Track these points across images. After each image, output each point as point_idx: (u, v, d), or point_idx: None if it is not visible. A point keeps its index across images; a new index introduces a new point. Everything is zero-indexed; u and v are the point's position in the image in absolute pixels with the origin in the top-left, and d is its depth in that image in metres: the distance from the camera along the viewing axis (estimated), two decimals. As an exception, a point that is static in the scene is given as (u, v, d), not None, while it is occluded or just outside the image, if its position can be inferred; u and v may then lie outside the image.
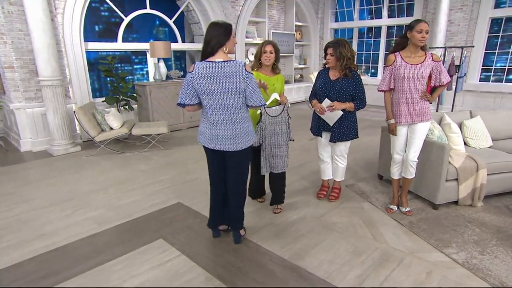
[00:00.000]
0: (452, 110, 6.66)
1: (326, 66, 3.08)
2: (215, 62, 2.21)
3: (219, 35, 2.21)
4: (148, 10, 6.66)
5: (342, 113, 3.00)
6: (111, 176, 4.13)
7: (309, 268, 2.32)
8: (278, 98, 2.88)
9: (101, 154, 4.97)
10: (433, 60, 2.79)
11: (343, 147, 3.20)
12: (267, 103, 2.80)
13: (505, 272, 2.24)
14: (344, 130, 3.07)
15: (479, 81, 7.66)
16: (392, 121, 2.97)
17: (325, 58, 3.02)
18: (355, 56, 2.96)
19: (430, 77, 2.87)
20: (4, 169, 4.39)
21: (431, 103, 2.92)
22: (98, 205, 3.33)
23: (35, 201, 3.44)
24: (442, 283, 2.16)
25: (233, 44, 2.30)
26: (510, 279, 2.18)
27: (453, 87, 6.68)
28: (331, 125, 3.06)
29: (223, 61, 2.20)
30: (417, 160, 2.96)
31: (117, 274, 2.28)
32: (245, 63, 2.25)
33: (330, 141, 3.15)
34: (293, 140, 3.05)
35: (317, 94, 3.14)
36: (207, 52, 2.24)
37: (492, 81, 7.57)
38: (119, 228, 2.90)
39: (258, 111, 2.80)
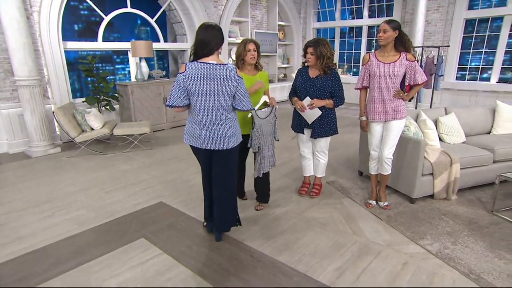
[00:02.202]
0: (430, 108, 6.87)
1: (306, 64, 3.14)
2: (208, 63, 2.23)
3: (217, 37, 2.26)
4: (129, 9, 6.58)
5: (321, 112, 3.06)
6: (93, 177, 4.07)
7: (290, 263, 2.37)
8: (268, 101, 2.92)
9: (82, 155, 4.88)
10: (407, 60, 2.87)
11: (324, 143, 3.26)
12: (257, 107, 2.86)
13: (474, 261, 2.35)
14: (325, 126, 3.14)
15: (455, 79, 7.93)
16: (363, 118, 3.07)
17: (304, 56, 3.08)
18: (334, 55, 3.03)
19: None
20: (-21, 172, 4.27)
21: (405, 101, 3.01)
22: (79, 206, 3.28)
23: (12, 203, 3.36)
24: (417, 273, 2.25)
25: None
26: (478, 266, 2.29)
27: (432, 85, 6.90)
28: (310, 123, 3.12)
29: (217, 64, 2.24)
30: (392, 157, 3.05)
31: (97, 275, 2.27)
32: (236, 68, 2.31)
33: (311, 137, 3.22)
34: (278, 140, 3.09)
35: (296, 92, 3.21)
36: (203, 53, 2.24)
37: (467, 80, 7.85)
38: (100, 228, 2.87)
39: (249, 115, 2.81)
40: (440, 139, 3.72)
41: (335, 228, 2.85)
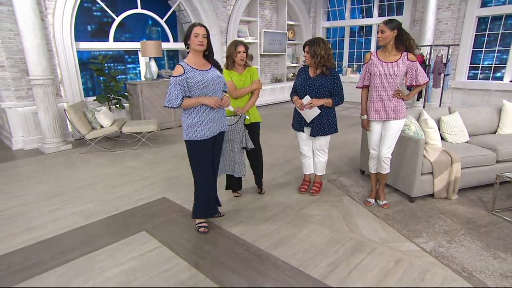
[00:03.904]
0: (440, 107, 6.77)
1: (305, 63, 3.20)
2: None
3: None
4: (139, 10, 6.75)
5: (319, 111, 3.11)
6: (101, 172, 4.23)
7: (284, 257, 2.43)
8: (231, 110, 3.02)
9: (91, 152, 5.06)
10: (408, 60, 2.87)
11: (323, 141, 3.31)
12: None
13: (468, 259, 2.36)
14: (324, 125, 3.18)
15: (467, 79, 7.79)
16: (365, 117, 3.10)
17: (305, 55, 3.14)
18: (331, 55, 3.05)
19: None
20: (-4, 167, 4.49)
21: (405, 101, 3.01)
22: (87, 200, 3.43)
23: (24, 197, 3.53)
24: (408, 270, 2.27)
25: (194, 43, 2.48)
26: (471, 265, 2.29)
27: (441, 84, 6.81)
28: (308, 121, 3.17)
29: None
30: (390, 157, 3.06)
31: (100, 264, 2.39)
32: (178, 66, 2.48)
33: (310, 135, 3.26)
34: (247, 149, 3.13)
35: (297, 91, 3.26)
36: None
37: (479, 79, 7.69)
38: (105, 221, 3.00)
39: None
40: (443, 139, 3.71)
41: (332, 225, 2.89)
